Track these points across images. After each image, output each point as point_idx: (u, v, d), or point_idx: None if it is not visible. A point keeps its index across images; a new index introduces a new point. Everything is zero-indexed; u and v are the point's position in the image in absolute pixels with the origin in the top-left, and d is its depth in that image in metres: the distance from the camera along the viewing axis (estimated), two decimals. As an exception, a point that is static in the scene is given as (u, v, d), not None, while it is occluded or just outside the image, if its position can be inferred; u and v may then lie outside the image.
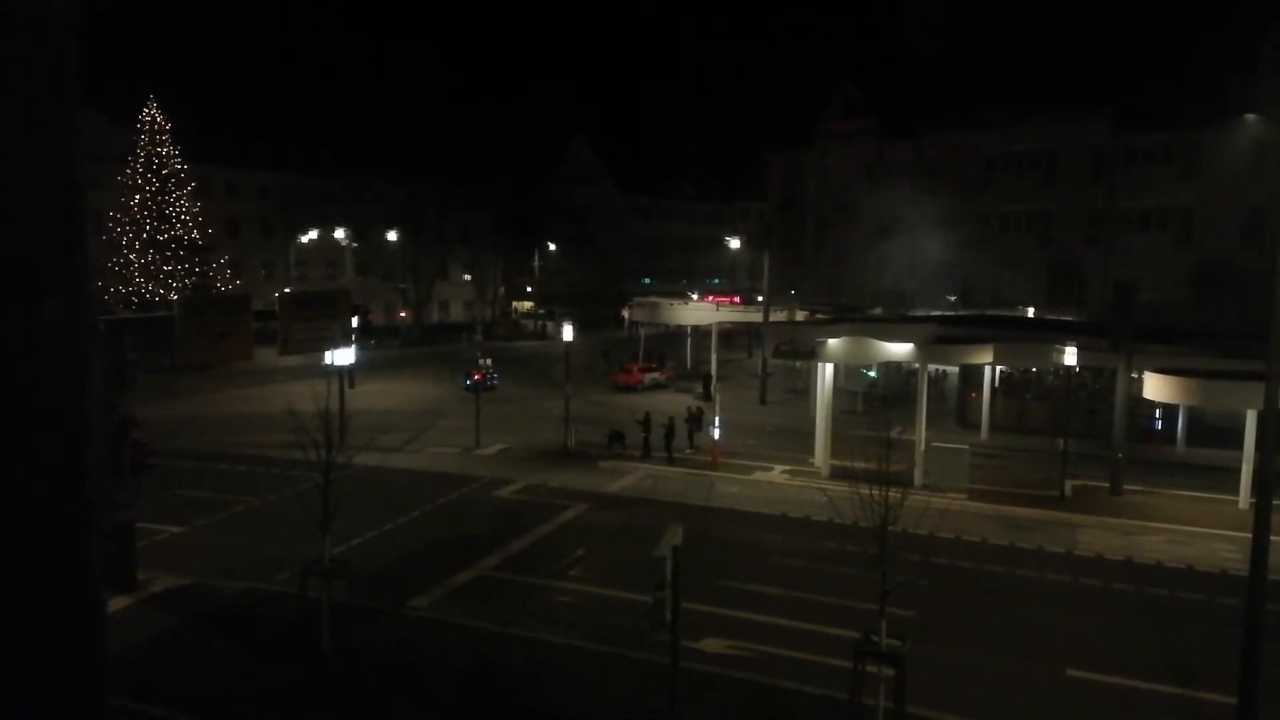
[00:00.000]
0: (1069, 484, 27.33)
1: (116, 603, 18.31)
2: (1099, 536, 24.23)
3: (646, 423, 32.15)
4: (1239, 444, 26.25)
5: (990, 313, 44.53)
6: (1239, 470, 26.33)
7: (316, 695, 15.25)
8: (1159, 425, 34.00)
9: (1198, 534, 24.32)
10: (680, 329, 57.40)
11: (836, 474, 27.20)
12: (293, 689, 15.42)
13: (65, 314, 2.99)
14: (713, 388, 41.01)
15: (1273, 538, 13.50)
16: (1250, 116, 46.73)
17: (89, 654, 3.26)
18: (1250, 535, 13.40)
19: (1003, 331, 32.41)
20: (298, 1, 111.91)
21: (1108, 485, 27.88)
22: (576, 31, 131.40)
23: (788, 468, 30.85)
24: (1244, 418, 25.98)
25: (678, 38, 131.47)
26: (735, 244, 73.06)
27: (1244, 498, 25.81)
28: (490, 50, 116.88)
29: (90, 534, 3.17)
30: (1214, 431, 31.37)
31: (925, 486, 26.33)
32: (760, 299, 50.37)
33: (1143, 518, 25.63)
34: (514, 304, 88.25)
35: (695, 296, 67.40)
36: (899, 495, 13.86)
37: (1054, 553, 22.82)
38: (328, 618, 16.21)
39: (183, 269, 56.17)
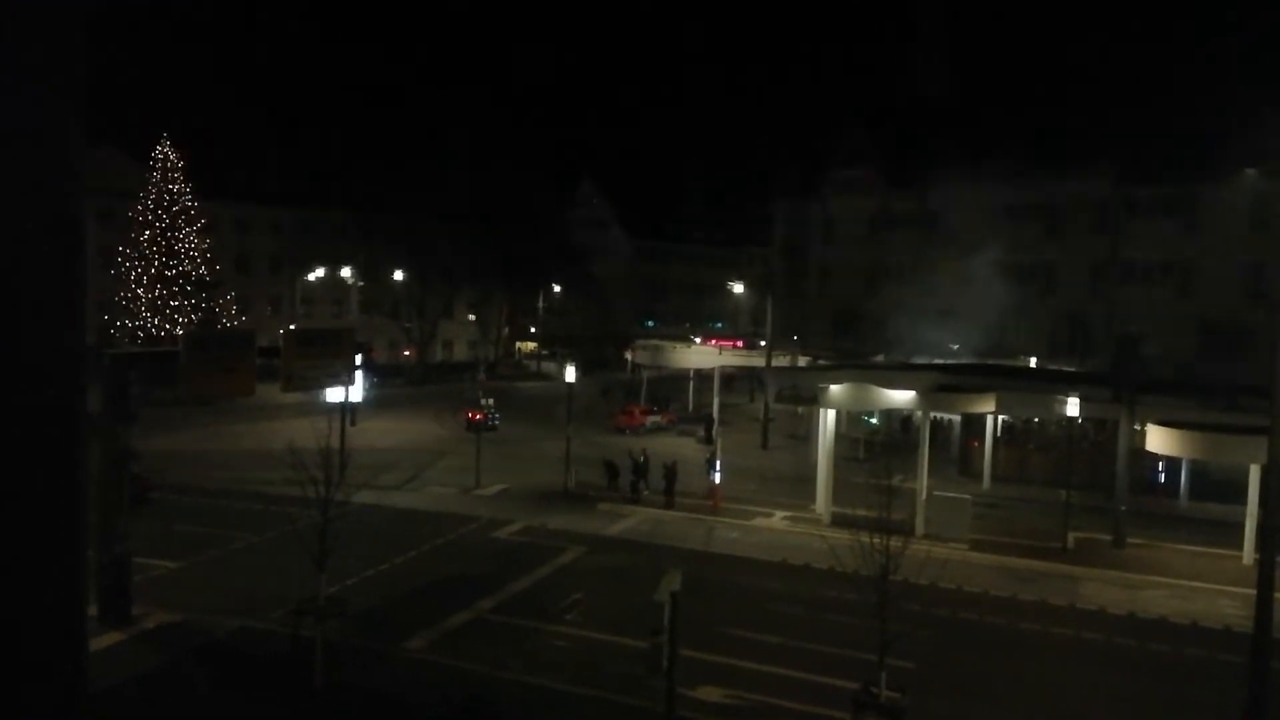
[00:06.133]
0: (1071, 536, 27.13)
1: (110, 637, 18.16)
2: (1101, 590, 24.00)
3: (642, 466, 32.04)
4: (1243, 498, 26.08)
5: (992, 362, 44.51)
6: (1243, 525, 26.13)
7: (307, 737, 15.05)
8: (1162, 478, 33.78)
9: (1201, 589, 24.09)
10: (682, 372, 57.40)
11: (838, 521, 27.02)
12: (283, 730, 15.22)
13: (63, 346, 3.02)
14: (714, 431, 40.93)
15: (1277, 594, 13.39)
16: (1251, 171, 47.13)
17: (71, 688, 3.24)
18: (1254, 591, 13.29)
19: (1005, 381, 32.41)
20: (309, 40, 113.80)
21: (1110, 538, 27.67)
22: (585, 75, 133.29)
23: (789, 514, 30.67)
24: (1248, 472, 25.85)
25: (685, 83, 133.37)
26: (739, 288, 73.35)
27: (1248, 553, 25.56)
28: (500, 91, 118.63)
29: (78, 568, 3.17)
30: (1217, 485, 31.17)
31: (927, 536, 26.15)
32: (763, 343, 50.43)
33: (1146, 571, 25.40)
34: (518, 344, 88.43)
35: (698, 340, 67.50)
36: (900, 544, 13.81)
37: (1056, 605, 22.59)
38: (321, 657, 16.05)
39: (189, 304, 56.44)
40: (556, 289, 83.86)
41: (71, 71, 3.02)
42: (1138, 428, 28.36)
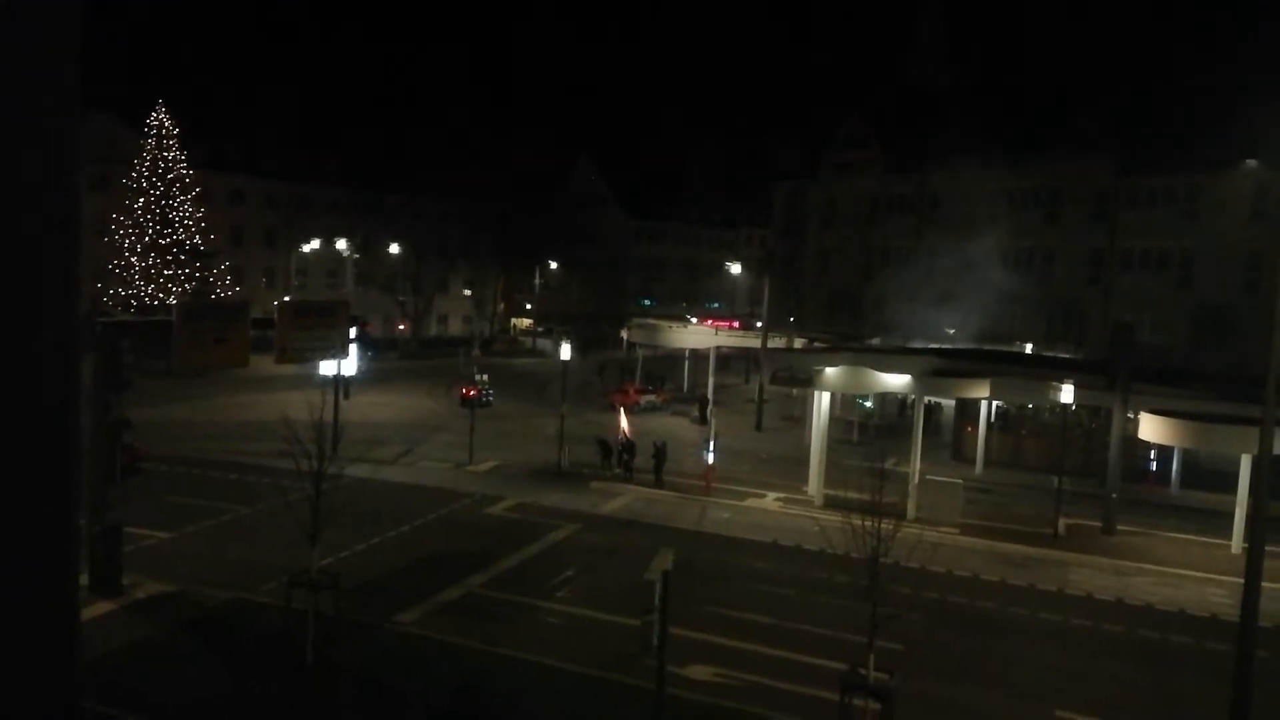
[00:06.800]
0: (1062, 522, 27.25)
1: (101, 607, 18.17)
2: (1090, 576, 24.14)
3: (630, 446, 32.15)
4: (1233, 488, 26.21)
5: (988, 347, 44.56)
6: (1232, 514, 26.27)
7: (297, 709, 15.09)
8: (1154, 466, 33.94)
9: (1189, 577, 24.23)
10: (678, 352, 57.40)
11: (830, 503, 27.10)
12: (273, 701, 15.26)
13: (56, 314, 2.97)
14: (709, 412, 40.98)
15: (1264, 584, 13.46)
16: (1251, 162, 47.05)
17: (63, 657, 3.21)
18: (1242, 580, 13.35)
19: (1000, 366, 32.42)
20: (310, 12, 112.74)
21: (1100, 524, 27.81)
22: (585, 54, 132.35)
23: (781, 495, 30.75)
24: (1239, 462, 25.96)
25: (685, 62, 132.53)
26: (736, 269, 73.22)
27: (1237, 542, 25.73)
28: (498, 68, 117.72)
29: (70, 537, 3.14)
30: (1208, 475, 31.33)
31: (918, 519, 26.23)
32: (759, 325, 50.39)
33: (1135, 558, 25.54)
34: (513, 321, 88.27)
35: (694, 320, 67.43)
36: (892, 527, 13.82)
37: (1045, 591, 22.71)
38: (312, 630, 16.07)
39: (183, 274, 56.15)
40: (553, 266, 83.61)
41: (68, 33, 2.94)
42: (1131, 416, 28.44)
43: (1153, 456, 33.61)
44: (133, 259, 55.00)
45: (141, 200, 55.40)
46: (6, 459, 2.97)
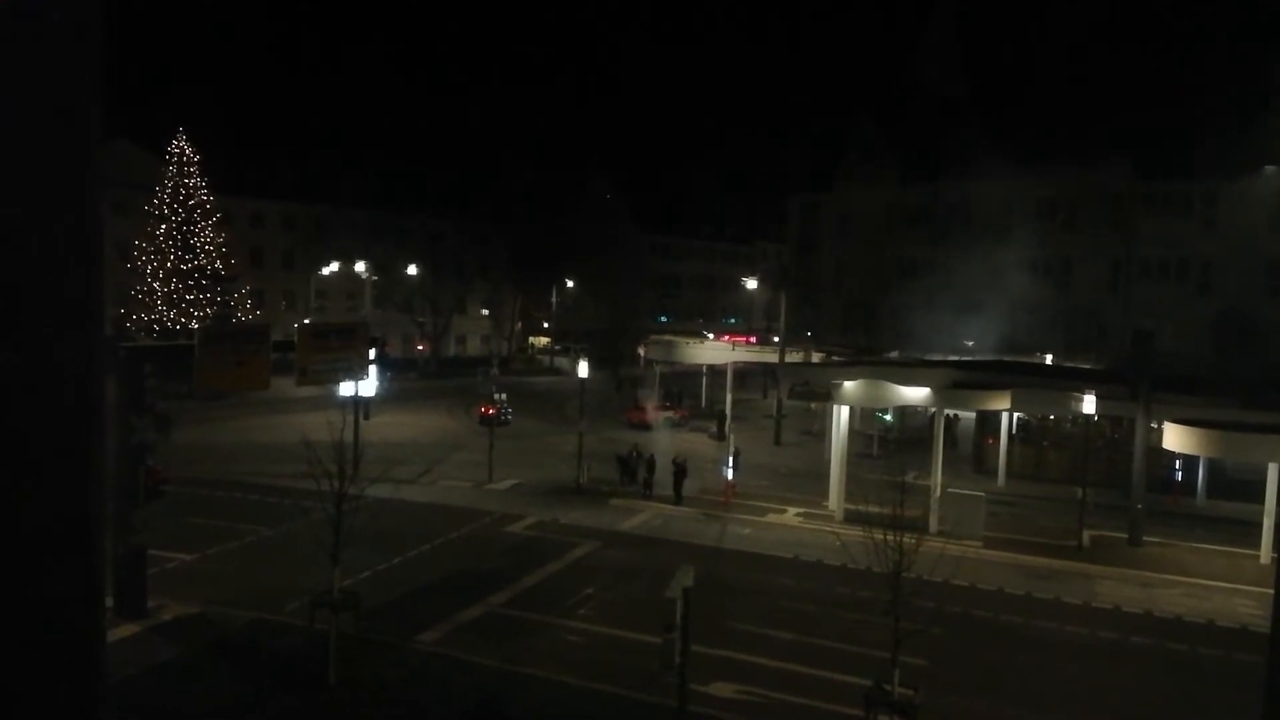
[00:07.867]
0: (1087, 534, 26.98)
1: (126, 629, 18.28)
2: (1117, 588, 23.86)
3: (635, 459, 32.25)
4: (1261, 497, 25.87)
5: (1008, 358, 44.31)
6: (1260, 524, 25.92)
7: (320, 729, 15.12)
8: (1179, 476, 33.56)
9: (1217, 588, 23.90)
10: (695, 367, 57.37)
11: (851, 518, 26.93)
12: (297, 722, 15.30)
13: (80, 338, 3.02)
14: (727, 428, 40.89)
15: (1295, 594, 13.25)
16: (1270, 168, 46.69)
17: (89, 679, 3.25)
18: (1272, 591, 13.17)
19: (1020, 377, 32.21)
20: (323, 37, 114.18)
21: (1126, 536, 27.50)
22: (598, 70, 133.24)
23: (801, 510, 30.60)
24: (1266, 470, 25.63)
25: (698, 76, 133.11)
26: (752, 284, 73.22)
27: (1265, 552, 25.38)
28: (513, 86, 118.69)
29: (94, 559, 3.18)
30: (1235, 484, 30.95)
31: (941, 533, 26.03)
32: (776, 339, 50.33)
33: (1162, 570, 25.24)
34: (530, 339, 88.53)
35: (711, 335, 67.44)
36: (914, 541, 13.75)
37: (1071, 604, 22.46)
38: (334, 650, 16.11)
39: (205, 298, 56.70)
40: (569, 284, 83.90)
41: (90, 60, 3.01)
42: (1154, 425, 28.16)
43: (1178, 466, 33.24)
44: (155, 284, 55.59)
45: (163, 226, 56.04)
46: (30, 482, 3.02)
